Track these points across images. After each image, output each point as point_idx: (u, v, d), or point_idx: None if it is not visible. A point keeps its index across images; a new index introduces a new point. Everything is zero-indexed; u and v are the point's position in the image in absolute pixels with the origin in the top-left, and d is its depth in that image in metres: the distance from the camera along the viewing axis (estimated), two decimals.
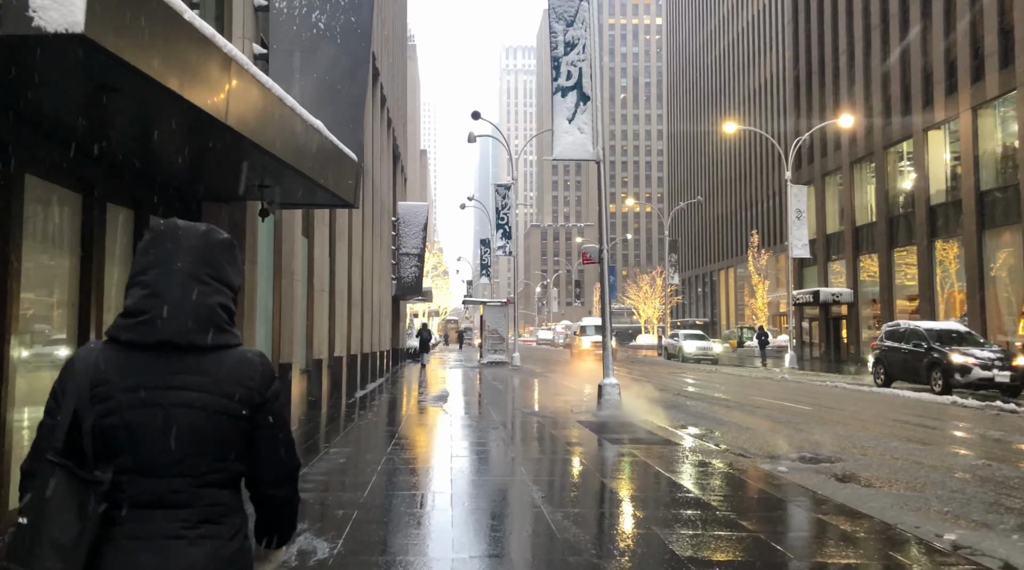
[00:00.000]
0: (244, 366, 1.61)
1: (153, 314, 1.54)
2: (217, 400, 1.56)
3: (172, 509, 1.52)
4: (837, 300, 34.34)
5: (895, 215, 31.31)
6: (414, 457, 8.55)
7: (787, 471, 7.93)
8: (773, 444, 10.07)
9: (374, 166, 22.54)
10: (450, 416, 12.57)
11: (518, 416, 12.84)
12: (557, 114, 13.30)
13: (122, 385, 1.53)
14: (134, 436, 1.51)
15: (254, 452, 1.63)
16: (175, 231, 1.60)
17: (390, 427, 11.36)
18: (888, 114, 31.17)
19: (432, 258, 67.01)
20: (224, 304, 1.62)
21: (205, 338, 1.57)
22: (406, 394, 17.69)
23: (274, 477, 1.67)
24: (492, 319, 32.63)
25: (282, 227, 10.54)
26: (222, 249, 1.64)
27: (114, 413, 1.51)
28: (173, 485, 1.53)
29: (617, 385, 12.87)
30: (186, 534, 1.51)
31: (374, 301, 22.64)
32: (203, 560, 1.51)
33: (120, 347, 1.56)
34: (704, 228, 79.60)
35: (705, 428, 11.75)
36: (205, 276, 1.59)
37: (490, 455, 8.78)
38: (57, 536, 1.45)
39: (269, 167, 6.40)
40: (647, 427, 11.29)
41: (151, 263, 1.58)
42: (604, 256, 13.21)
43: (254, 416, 1.61)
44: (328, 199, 7.96)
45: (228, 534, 1.57)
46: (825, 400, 16.44)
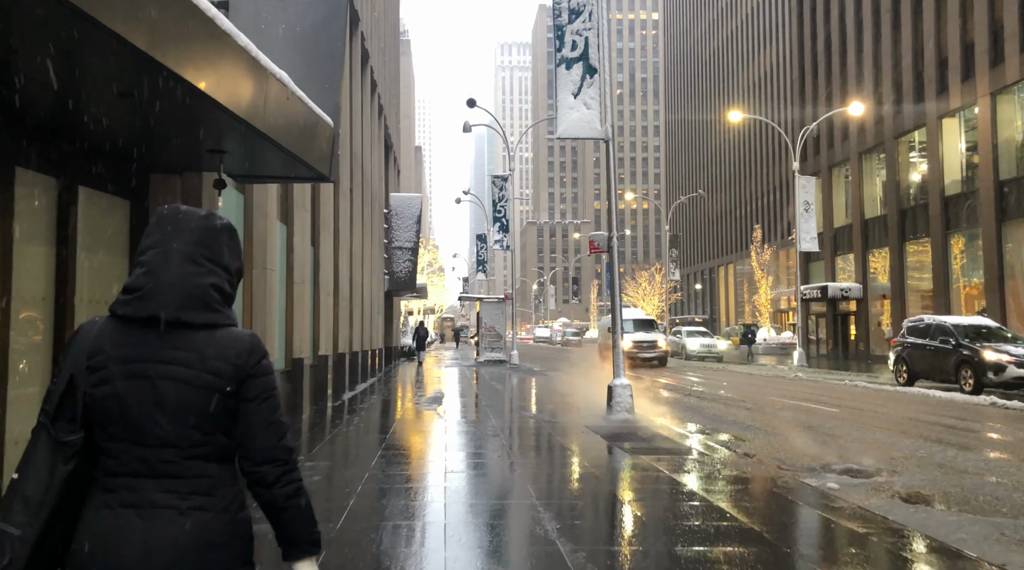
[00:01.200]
0: (232, 343, 1.66)
1: (146, 291, 1.62)
2: (202, 376, 1.61)
3: (164, 478, 1.58)
4: (846, 295, 33.21)
5: (907, 207, 30.18)
6: (402, 474, 7.33)
7: (839, 489, 6.74)
8: (809, 452, 8.89)
9: (364, 153, 21.31)
10: (445, 421, 11.36)
11: (519, 421, 11.64)
12: (561, 88, 12.10)
13: (115, 356, 1.61)
14: (124, 405, 1.59)
15: (239, 428, 1.65)
16: (176, 215, 1.69)
17: (377, 435, 10.14)
18: (899, 102, 30.02)
19: (427, 254, 65.70)
20: (217, 285, 1.68)
21: (195, 316, 1.63)
22: (398, 395, 16.48)
23: (256, 452, 1.66)
24: (489, 316, 31.42)
25: (253, 209, 9.32)
26: (221, 232, 1.71)
27: (106, 383, 1.59)
28: (162, 455, 1.58)
29: (629, 386, 11.68)
30: (177, 504, 1.57)
31: (364, 296, 21.42)
32: (193, 530, 1.56)
33: (118, 321, 1.64)
34: (703, 224, 78.48)
35: (729, 434, 10.56)
36: (200, 257, 1.66)
37: (490, 470, 7.58)
38: (28, 491, 1.55)
39: (222, 127, 5.20)
40: (665, 433, 10.10)
41: (151, 244, 1.66)
42: (614, 244, 12.01)
43: (239, 391, 1.64)
44: (299, 170, 6.73)
45: (219, 506, 1.61)
46: (849, 400, 15.27)
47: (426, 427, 10.85)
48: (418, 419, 11.93)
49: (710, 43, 76.97)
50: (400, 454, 8.54)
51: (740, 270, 69.14)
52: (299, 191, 11.80)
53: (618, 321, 11.88)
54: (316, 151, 6.56)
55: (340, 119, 13.63)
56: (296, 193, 11.71)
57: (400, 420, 11.78)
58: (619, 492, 6.61)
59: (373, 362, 23.26)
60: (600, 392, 15.63)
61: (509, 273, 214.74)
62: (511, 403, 14.55)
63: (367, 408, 13.61)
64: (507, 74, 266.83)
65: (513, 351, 29.39)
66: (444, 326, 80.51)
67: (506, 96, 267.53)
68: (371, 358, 22.63)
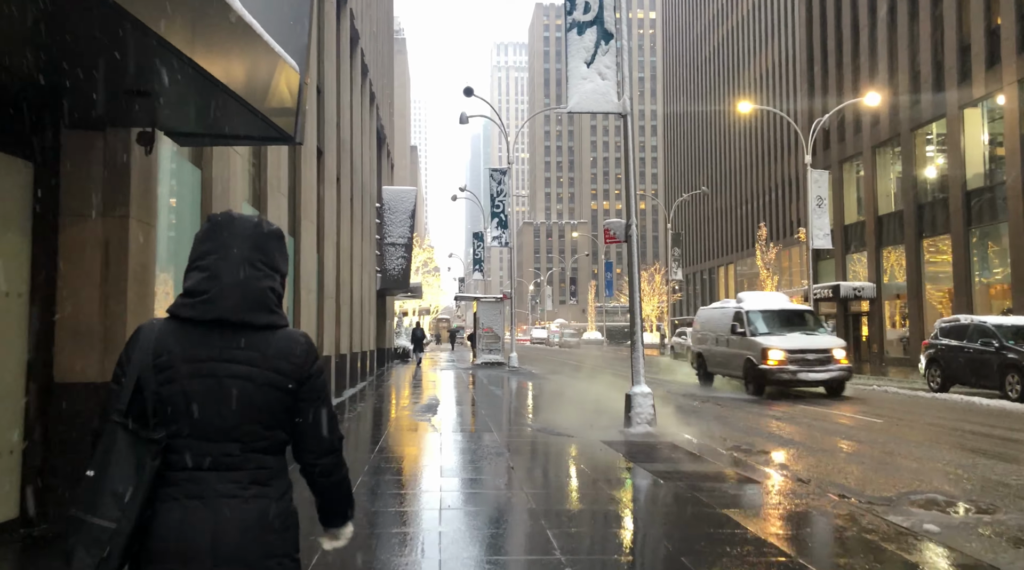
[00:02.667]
0: (291, 344, 1.79)
1: (212, 294, 1.72)
2: (266, 373, 1.73)
3: (225, 471, 1.69)
4: (859, 294, 31.83)
5: (924, 202, 28.80)
6: (385, 511, 5.87)
7: (941, 533, 5.31)
8: (874, 478, 7.46)
9: (354, 141, 19.85)
10: (440, 435, 9.90)
11: (524, 435, 10.18)
12: (572, 56, 10.65)
13: (182, 356, 1.70)
14: (191, 403, 1.69)
15: (299, 422, 1.79)
16: (231, 221, 1.80)
17: (361, 454, 8.68)
18: (916, 92, 28.65)
19: (422, 253, 64.15)
20: (274, 288, 1.80)
21: (257, 317, 1.75)
22: (388, 403, 15.01)
23: (317, 446, 1.82)
24: (487, 316, 29.96)
25: (213, 187, 7.85)
26: (272, 238, 1.82)
27: (174, 381, 1.69)
28: (226, 449, 1.69)
29: (650, 395, 10.23)
30: (240, 494, 1.68)
31: (354, 294, 19.94)
32: (255, 516, 1.68)
33: (180, 323, 1.74)
34: (702, 224, 77.14)
35: (767, 450, 9.13)
36: (258, 262, 1.77)
37: (496, 507, 6.11)
38: (116, 487, 1.63)
39: (149, 59, 3.79)
40: (695, 451, 8.66)
41: (209, 250, 1.76)
42: (632, 232, 10.56)
43: (299, 389, 1.77)
44: (256, 127, 5.27)
45: (276, 495, 1.74)
46: (886, 408, 13.85)
47: (418, 444, 9.39)
48: (409, 433, 10.47)
49: (712, 37, 75.67)
50: (386, 481, 7.07)
51: (741, 271, 67.80)
52: (274, 171, 10.34)
53: (637, 317, 10.43)
54: (276, 101, 5.09)
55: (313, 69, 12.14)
56: (271, 173, 10.25)
57: (388, 436, 10.31)
58: (663, 538, 5.16)
59: (364, 365, 21.78)
60: (611, 398, 14.20)
61: (506, 273, 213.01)
62: (513, 412, 13.09)
63: (353, 419, 12.15)
64: (503, 74, 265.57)
65: (512, 353, 27.95)
66: (440, 327, 79.04)
67: (502, 96, 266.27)
68: (361, 361, 21.15)
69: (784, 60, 57.56)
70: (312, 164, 13.16)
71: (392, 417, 12.38)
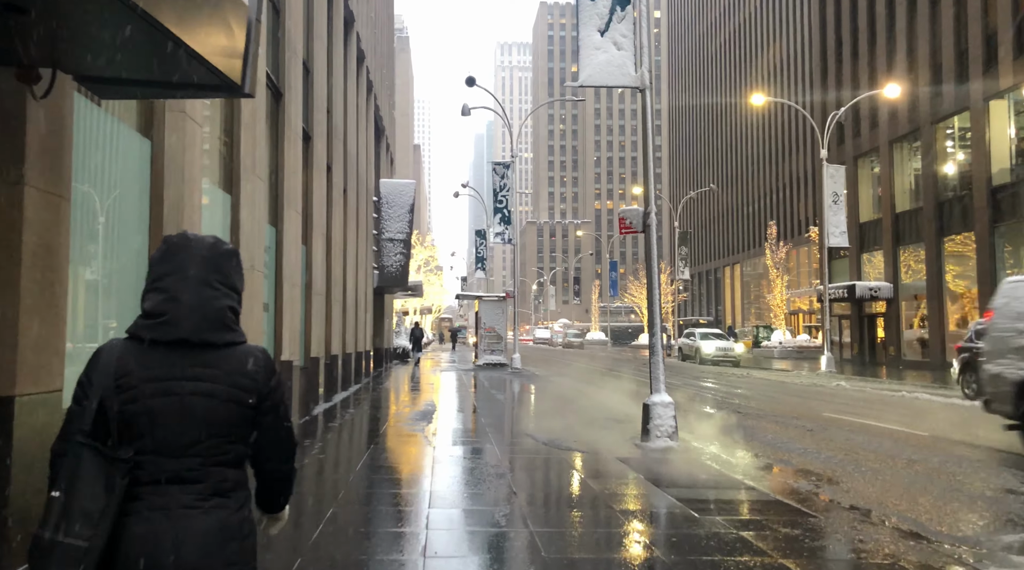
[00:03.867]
0: (250, 360, 1.84)
1: (171, 316, 1.77)
2: (227, 390, 1.79)
3: (187, 484, 1.74)
4: (875, 295, 30.59)
5: (945, 199, 27.56)
6: (352, 560, 4.68)
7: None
8: (943, 508, 6.28)
9: (348, 129, 18.70)
10: (434, 450, 8.73)
11: (528, 449, 9.01)
12: (584, 24, 9.48)
13: (143, 376, 1.75)
14: (154, 421, 1.74)
15: (260, 435, 1.86)
16: (187, 242, 1.84)
17: (338, 474, 7.52)
18: (938, 83, 27.41)
19: (424, 252, 63.01)
20: (232, 306, 1.85)
21: (217, 336, 1.80)
22: (380, 409, 13.85)
23: (278, 456, 1.90)
24: (489, 315, 28.80)
25: (166, 162, 6.70)
26: (228, 257, 1.87)
27: (136, 401, 1.74)
28: (187, 463, 1.74)
29: (672, 405, 9.05)
30: (200, 505, 1.73)
31: (347, 292, 18.79)
32: (215, 527, 1.73)
33: (141, 343, 1.78)
34: (707, 223, 75.93)
35: (809, 471, 7.94)
36: (215, 282, 1.82)
37: (495, 550, 4.92)
38: (87, 506, 1.66)
39: None
40: (726, 471, 7.50)
41: (167, 271, 1.80)
42: (651, 221, 9.36)
43: (259, 404, 1.83)
44: (191, 70, 4.07)
45: (235, 506, 1.79)
46: (928, 419, 12.64)
47: (408, 461, 8.22)
48: (400, 446, 9.30)
49: (721, 31, 74.44)
50: (364, 514, 5.91)
51: (747, 270, 66.59)
52: (249, 150, 9.18)
53: (656, 317, 9.25)
54: (216, 39, 3.92)
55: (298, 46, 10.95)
56: (245, 153, 9.09)
57: (376, 448, 9.14)
58: None
59: (359, 366, 20.63)
60: (623, 405, 13.02)
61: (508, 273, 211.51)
62: (516, 421, 11.92)
63: (340, 427, 10.99)
64: (507, 74, 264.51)
65: (515, 354, 26.77)
66: (442, 327, 77.93)
67: (506, 96, 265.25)
68: (356, 362, 20.00)
69: (796, 53, 56.33)
70: (296, 148, 12.00)
71: (383, 427, 11.22)
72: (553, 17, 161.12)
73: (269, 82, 10.22)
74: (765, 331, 45.43)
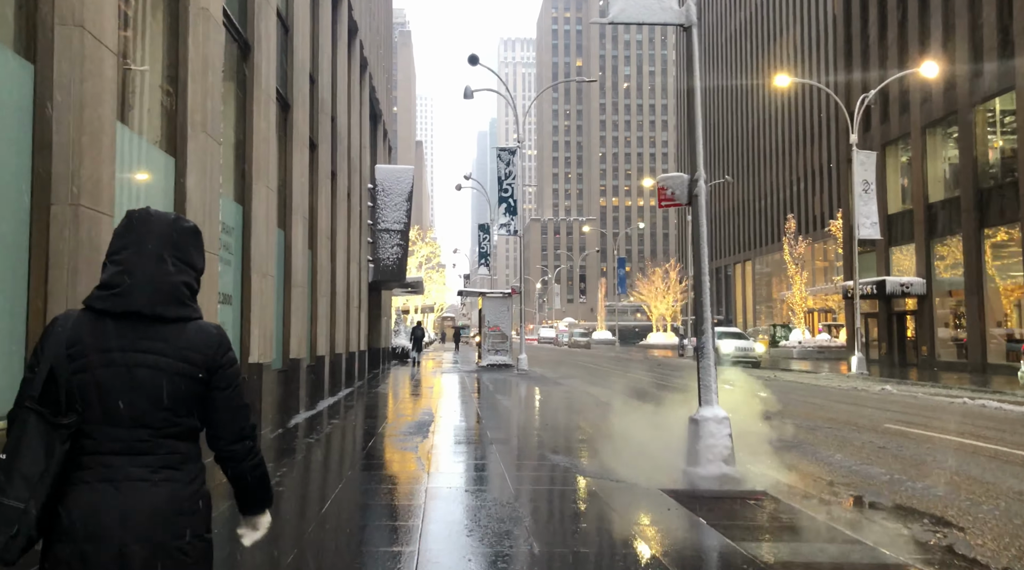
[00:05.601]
0: (202, 335, 1.84)
1: (124, 288, 1.78)
2: (176, 363, 1.78)
3: (136, 455, 1.75)
4: (907, 291, 28.62)
5: (986, 187, 25.59)
6: None
7: None
8: None
9: (339, 106, 16.85)
10: (426, 477, 6.87)
11: (547, 477, 7.14)
12: None
13: (94, 346, 1.76)
14: (102, 390, 1.74)
15: (210, 411, 1.85)
16: (147, 217, 1.85)
17: (303, 515, 5.66)
18: (979, 62, 25.44)
19: (426, 248, 61.16)
20: (187, 282, 1.86)
21: (169, 310, 1.80)
22: (370, 419, 12.00)
23: (229, 433, 1.87)
24: (493, 313, 26.95)
25: (55, 91, 4.86)
26: (188, 234, 1.89)
27: (86, 371, 1.75)
28: (137, 434, 1.75)
29: (727, 421, 7.18)
30: (150, 477, 1.74)
31: (337, 285, 16.95)
32: (164, 499, 1.74)
33: (94, 314, 1.79)
34: (717, 219, 73.92)
35: (912, 507, 6.06)
36: (172, 257, 1.83)
37: None
38: (26, 469, 1.68)
39: None
40: (811, 512, 5.64)
41: (124, 245, 1.82)
42: (700, 189, 7.46)
43: (210, 379, 1.83)
44: None
45: (186, 479, 1.79)
46: (1017, 433, 10.74)
47: (395, 497, 6.35)
48: (387, 472, 7.44)
49: (738, 14, 72.43)
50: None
51: (759, 268, 64.63)
52: (198, 101, 7.32)
53: (706, 311, 7.38)
54: None
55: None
56: (192, 103, 7.24)
57: (355, 475, 7.27)
58: None
59: (351, 368, 18.80)
60: (652, 415, 11.13)
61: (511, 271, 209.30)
62: (528, 436, 10.04)
63: (316, 444, 9.14)
64: (510, 70, 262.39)
65: (521, 354, 24.92)
66: (444, 325, 76.13)
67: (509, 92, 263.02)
68: (347, 364, 18.16)
69: (819, 33, 54.29)
70: (269, 113, 10.15)
71: (369, 443, 9.36)
72: (558, 10, 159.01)
73: (227, 20, 8.37)
74: (783, 330, 43.45)
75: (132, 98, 6.90)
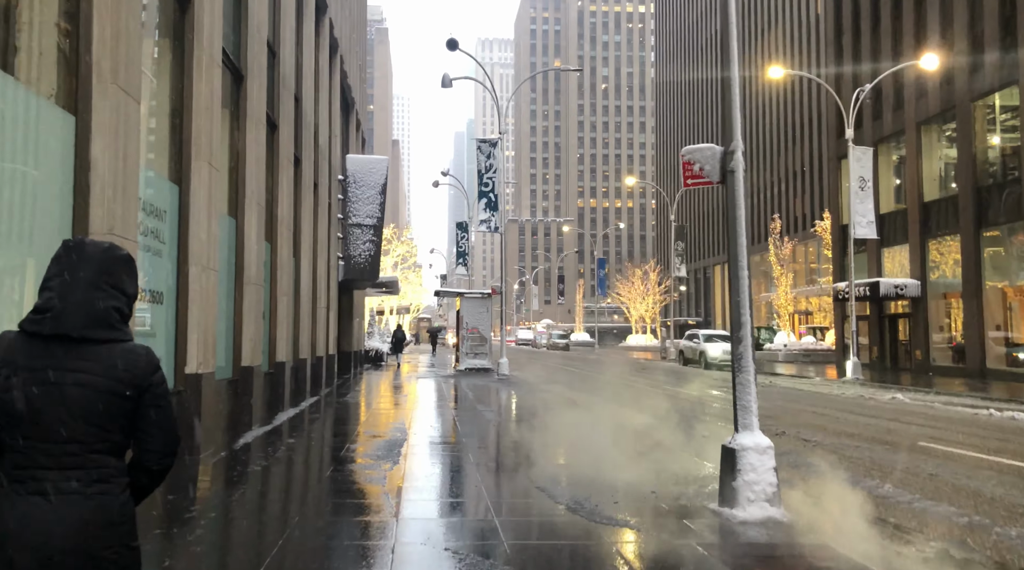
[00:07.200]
0: (130, 356, 1.89)
1: (55, 312, 1.83)
2: (105, 382, 1.83)
3: (67, 470, 1.78)
4: (901, 293, 27.60)
5: (986, 185, 24.62)
6: None
7: None
8: None
9: (302, 80, 15.26)
10: (395, 523, 5.37)
11: (546, 524, 5.68)
12: None
13: (25, 366, 1.80)
14: (33, 408, 1.78)
15: (141, 428, 1.90)
16: (81, 246, 1.91)
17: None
18: (978, 54, 24.47)
19: (401, 247, 59.41)
20: (118, 307, 1.91)
21: (97, 333, 1.85)
22: (333, 437, 10.45)
23: (160, 447, 1.93)
24: (472, 315, 25.47)
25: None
26: (120, 262, 1.94)
27: (16, 389, 1.78)
28: (67, 449, 1.79)
29: (771, 451, 5.78)
30: (82, 491, 1.78)
31: (301, 283, 15.37)
32: (96, 510, 1.79)
33: (28, 336, 1.84)
34: (696, 220, 73.06)
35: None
36: (103, 284, 1.88)
37: None
38: None
39: None
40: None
41: (58, 272, 1.88)
42: (737, 162, 6.06)
43: (139, 397, 1.88)
44: None
45: (116, 491, 1.84)
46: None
47: (354, 558, 4.84)
48: (345, 516, 5.92)
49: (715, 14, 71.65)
50: None
51: None
52: (106, 48, 5.77)
53: (745, 313, 5.97)
54: None
55: None
56: (98, 54, 5.69)
57: (302, 525, 5.73)
58: None
59: (317, 374, 17.20)
60: (657, 431, 9.74)
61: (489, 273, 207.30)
62: (517, 461, 8.55)
63: (264, 473, 7.58)
64: (488, 70, 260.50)
65: (502, 358, 23.44)
66: (420, 327, 74.34)
67: (486, 93, 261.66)
68: (313, 369, 16.58)
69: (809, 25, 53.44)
70: (212, 78, 8.59)
71: (327, 471, 7.83)
72: (536, 10, 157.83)
73: None
74: (767, 333, 42.44)
75: (17, 38, 5.35)
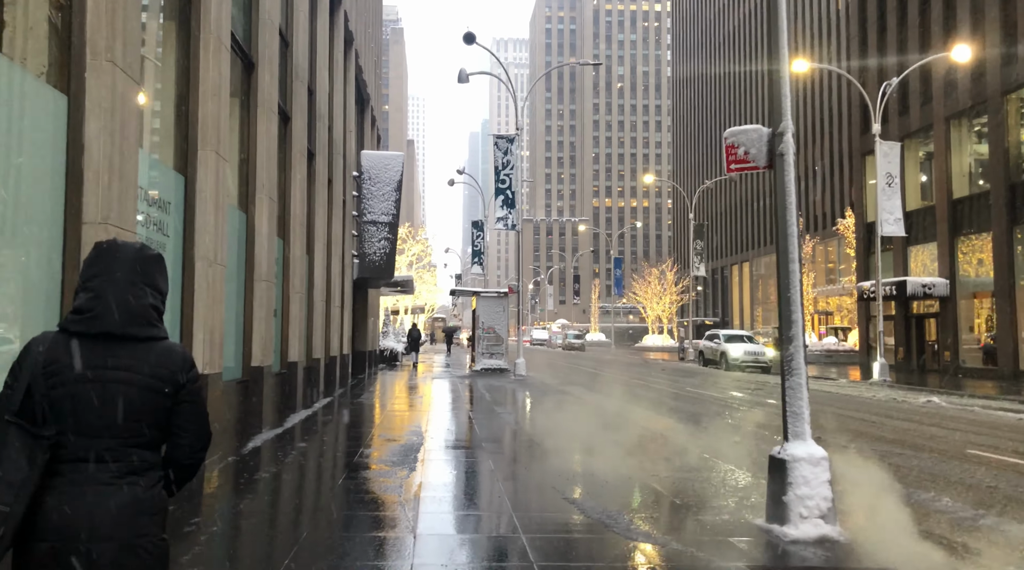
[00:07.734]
0: (169, 354, 2.00)
1: (97, 312, 1.93)
2: (145, 379, 1.94)
3: (105, 463, 1.89)
4: (929, 292, 26.83)
5: (1019, 181, 23.83)
6: None
7: None
8: None
9: (316, 73, 14.83)
10: (413, 541, 4.88)
11: (577, 542, 5.17)
12: None
13: (69, 364, 1.90)
14: (76, 405, 1.89)
15: (177, 423, 2.01)
16: (115, 247, 2.00)
17: None
18: (1012, 46, 23.69)
19: (416, 246, 59.03)
20: (155, 305, 2.02)
21: (139, 331, 1.96)
22: (346, 441, 9.99)
23: (192, 442, 2.03)
24: (488, 314, 24.98)
25: None
26: (153, 261, 2.04)
27: (62, 386, 1.89)
28: (106, 444, 1.90)
29: (826, 462, 5.25)
30: (116, 482, 1.89)
31: (315, 281, 14.95)
32: (129, 500, 1.89)
33: (70, 336, 1.94)
34: (715, 219, 72.18)
35: None
36: (139, 283, 1.98)
37: None
38: (11, 476, 1.81)
39: None
40: None
41: (96, 273, 1.97)
42: (787, 144, 5.53)
43: (176, 394, 1.99)
44: None
45: (149, 483, 1.94)
46: None
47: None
48: (356, 535, 5.43)
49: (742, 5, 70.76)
50: None
51: (757, 269, 62.96)
52: (100, 22, 5.32)
53: (797, 311, 5.43)
54: None
55: None
56: (91, 27, 5.24)
57: (312, 538, 5.26)
58: None
59: (331, 375, 16.78)
60: (688, 437, 9.19)
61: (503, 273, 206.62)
62: (541, 470, 8.03)
63: (271, 482, 7.12)
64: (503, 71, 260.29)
65: (518, 358, 22.95)
66: (435, 326, 73.99)
67: (502, 93, 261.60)
68: (327, 370, 16.15)
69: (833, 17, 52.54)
70: (221, 63, 8.14)
71: (339, 480, 7.36)
72: (551, 10, 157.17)
73: None
74: None
75: (3, 10, 4.91)
